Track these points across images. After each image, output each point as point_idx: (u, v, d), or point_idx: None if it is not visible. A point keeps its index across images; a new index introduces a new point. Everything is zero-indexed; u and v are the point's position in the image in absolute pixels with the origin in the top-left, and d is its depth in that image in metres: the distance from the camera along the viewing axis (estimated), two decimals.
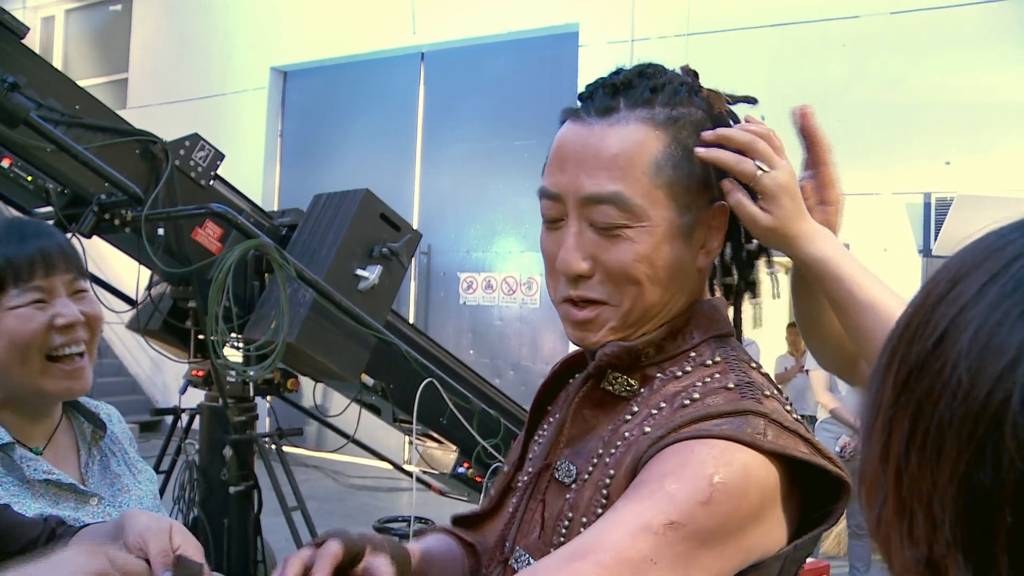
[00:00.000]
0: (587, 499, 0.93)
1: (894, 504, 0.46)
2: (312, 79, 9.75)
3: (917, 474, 0.44)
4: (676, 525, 0.78)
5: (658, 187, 0.93)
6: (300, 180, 9.42)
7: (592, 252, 0.94)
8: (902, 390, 0.46)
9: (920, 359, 0.45)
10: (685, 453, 0.82)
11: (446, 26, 8.64)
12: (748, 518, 0.82)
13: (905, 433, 0.45)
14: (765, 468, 0.83)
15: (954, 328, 0.44)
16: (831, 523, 0.88)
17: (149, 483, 1.49)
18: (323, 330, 3.25)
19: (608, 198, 0.92)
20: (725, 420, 0.85)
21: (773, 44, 6.85)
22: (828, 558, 5.24)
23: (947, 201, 6.00)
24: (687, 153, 0.95)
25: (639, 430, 0.91)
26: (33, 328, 1.23)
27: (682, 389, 0.92)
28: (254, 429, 3.67)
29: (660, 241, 0.93)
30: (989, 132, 6.06)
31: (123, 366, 10.63)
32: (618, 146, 0.93)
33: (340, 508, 7.05)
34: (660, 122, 0.94)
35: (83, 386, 1.32)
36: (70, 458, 1.37)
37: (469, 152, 8.64)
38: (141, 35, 10.94)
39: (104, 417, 1.48)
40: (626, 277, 0.93)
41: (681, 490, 0.79)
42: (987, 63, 6.12)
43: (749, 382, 0.91)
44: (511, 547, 1.03)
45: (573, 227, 0.94)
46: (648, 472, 0.84)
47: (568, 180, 0.94)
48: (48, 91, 3.00)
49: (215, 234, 3.41)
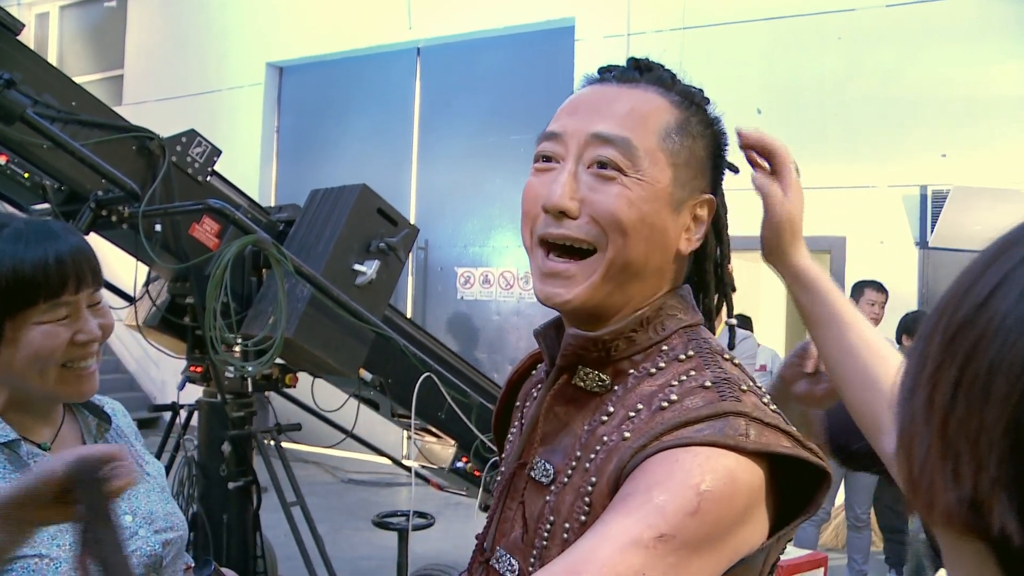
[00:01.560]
0: (569, 504, 0.92)
1: (938, 448, 0.47)
2: (308, 75, 9.73)
3: (964, 416, 0.46)
4: (666, 537, 0.78)
5: (663, 151, 0.94)
6: (297, 176, 9.41)
7: (583, 195, 0.93)
8: (949, 343, 0.48)
9: (969, 315, 0.48)
10: (670, 463, 0.82)
11: (442, 21, 8.63)
12: (735, 522, 0.82)
13: (952, 379, 0.47)
14: (750, 470, 0.83)
15: (1004, 284, 0.47)
16: (813, 512, 0.88)
17: (157, 474, 1.49)
18: (321, 325, 3.26)
19: (616, 139, 0.93)
20: (706, 424, 0.84)
21: (769, 38, 6.85)
22: (826, 550, 5.25)
23: (943, 193, 6.01)
24: (693, 138, 0.97)
25: (618, 434, 0.90)
26: (57, 344, 1.24)
27: (658, 389, 0.91)
28: (252, 424, 3.67)
29: (651, 198, 0.93)
30: (985, 125, 6.06)
31: (120, 363, 10.62)
32: (634, 103, 0.95)
33: (339, 503, 7.06)
34: (676, 101, 0.98)
35: (93, 389, 1.34)
36: None
37: (466, 147, 8.63)
38: (136, 31, 10.92)
39: (109, 411, 1.49)
40: (614, 220, 0.92)
41: (669, 502, 0.79)
42: (983, 56, 6.12)
43: (725, 378, 0.90)
44: (491, 547, 1.03)
45: (569, 166, 0.94)
46: (634, 483, 0.83)
47: (576, 121, 0.95)
48: (44, 87, 2.99)
49: (212, 230, 3.40)
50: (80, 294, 1.26)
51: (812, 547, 4.54)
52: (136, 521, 1.36)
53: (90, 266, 1.27)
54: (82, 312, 1.27)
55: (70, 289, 1.24)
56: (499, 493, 1.05)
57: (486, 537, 1.05)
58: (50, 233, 1.25)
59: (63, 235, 1.27)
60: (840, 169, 6.45)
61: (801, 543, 4.73)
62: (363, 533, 5.88)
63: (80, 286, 1.25)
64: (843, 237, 6.47)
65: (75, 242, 1.27)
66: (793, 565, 2.49)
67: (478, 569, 1.05)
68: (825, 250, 6.67)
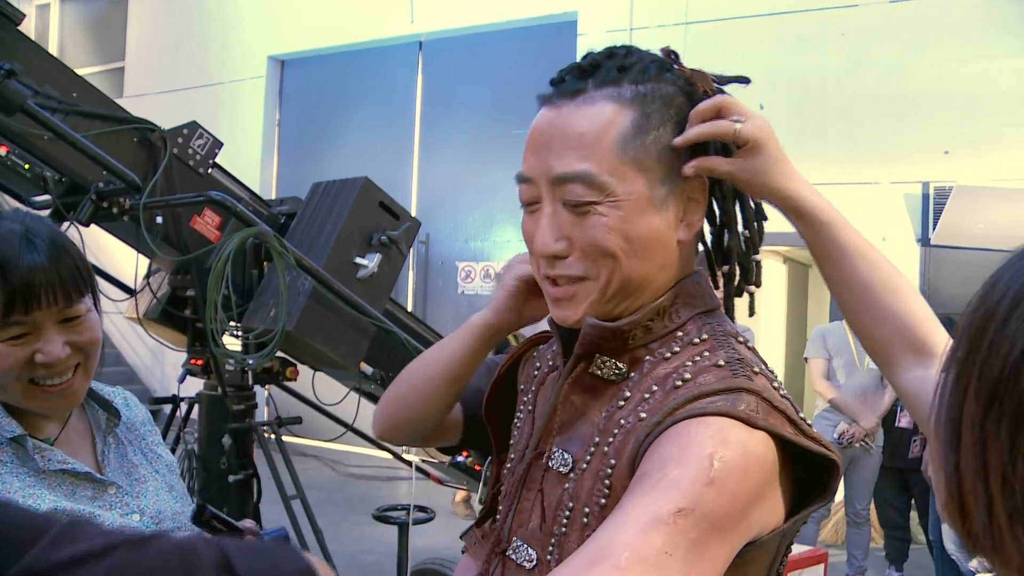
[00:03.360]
0: (588, 488, 0.92)
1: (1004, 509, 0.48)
2: (310, 68, 9.72)
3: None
4: (685, 511, 0.77)
5: (625, 163, 0.93)
6: (298, 169, 9.40)
7: (567, 232, 0.95)
8: (990, 403, 0.49)
9: (1005, 373, 0.48)
10: (683, 435, 0.82)
11: (444, 15, 8.61)
12: (751, 497, 0.81)
13: (1006, 441, 0.47)
14: (763, 445, 0.83)
15: None
16: (829, 498, 0.88)
17: (168, 471, 1.46)
18: (322, 318, 3.25)
19: (575, 176, 0.93)
20: (719, 397, 0.85)
21: (772, 33, 6.84)
22: (826, 546, 5.26)
23: (945, 191, 6.00)
24: (657, 130, 0.95)
25: (635, 416, 0.91)
26: (9, 364, 1.19)
27: (672, 370, 0.92)
28: (253, 418, 3.67)
29: (631, 214, 0.93)
30: (988, 122, 6.05)
31: (121, 355, 10.62)
32: (584, 125, 0.94)
33: (339, 497, 7.06)
34: (627, 99, 0.95)
35: (71, 403, 1.29)
36: (85, 447, 1.35)
37: (467, 141, 8.62)
38: (138, 23, 10.90)
39: (120, 403, 1.46)
40: (600, 251, 0.94)
41: (684, 475, 0.78)
42: (986, 53, 6.10)
43: (739, 358, 0.91)
44: (508, 538, 1.02)
45: (547, 208, 0.96)
46: (649, 461, 0.83)
47: (539, 163, 0.97)
48: (45, 78, 2.98)
49: (214, 222, 3.40)
50: (34, 313, 1.18)
51: (812, 543, 4.55)
52: (143, 520, 1.33)
53: (46, 282, 1.18)
54: (44, 332, 1.20)
55: (18, 310, 1.16)
56: (515, 483, 1.05)
57: (503, 528, 1.04)
58: (11, 249, 1.17)
59: (24, 252, 1.17)
60: (842, 165, 6.44)
61: (801, 539, 4.73)
62: (363, 527, 5.88)
63: (30, 307, 1.17)
64: None
65: (33, 261, 1.17)
66: (793, 561, 2.49)
67: (494, 560, 1.04)
68: None
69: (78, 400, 1.30)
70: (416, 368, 1.31)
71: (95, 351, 1.29)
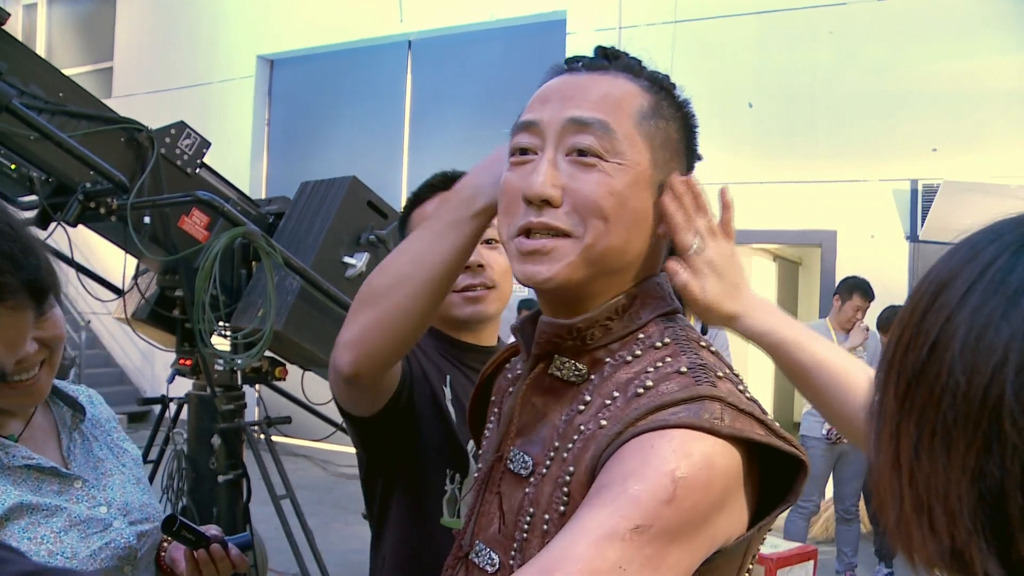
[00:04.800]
0: (547, 495, 0.90)
1: (912, 503, 0.50)
2: (299, 67, 9.70)
3: (930, 473, 0.48)
4: (642, 528, 0.76)
5: (639, 134, 0.93)
6: (287, 168, 9.38)
7: (563, 182, 0.92)
8: (904, 399, 0.50)
9: (916, 368, 0.49)
10: (645, 449, 0.80)
11: (433, 14, 8.61)
12: (712, 508, 0.80)
13: (913, 438, 0.49)
14: (726, 455, 0.81)
15: (944, 336, 0.48)
16: (793, 501, 0.87)
17: (134, 465, 1.49)
18: (311, 318, 3.25)
19: (593, 122, 0.91)
20: (681, 407, 0.82)
21: (761, 31, 6.85)
22: (816, 543, 5.27)
23: (934, 188, 6.02)
24: (667, 121, 0.96)
25: (595, 423, 0.88)
26: None
27: (634, 376, 0.90)
28: (242, 418, 3.67)
29: (632, 182, 0.92)
30: (976, 119, 6.08)
31: (110, 356, 10.59)
32: (606, 88, 0.94)
33: (329, 497, 7.05)
34: (645, 86, 0.96)
35: (36, 399, 1.31)
36: (50, 443, 1.37)
37: (457, 140, 8.62)
38: (126, 23, 10.85)
39: (85, 400, 1.48)
40: (595, 208, 0.91)
41: (644, 491, 0.77)
42: (974, 51, 6.13)
43: (702, 364, 0.89)
44: (470, 542, 1.01)
45: (548, 154, 0.93)
46: (609, 474, 0.81)
47: (551, 109, 0.94)
48: (31, 78, 2.97)
49: (202, 222, 3.39)
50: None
51: (802, 540, 4.56)
52: (111, 512, 1.35)
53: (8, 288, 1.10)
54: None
55: None
56: (479, 487, 1.03)
57: (466, 532, 1.03)
58: None
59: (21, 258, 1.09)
60: (831, 163, 6.46)
61: (791, 536, 4.75)
62: (353, 527, 5.87)
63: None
64: (834, 231, 6.49)
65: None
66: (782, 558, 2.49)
67: (458, 565, 1.02)
68: (816, 244, 6.68)
69: (43, 395, 1.31)
70: (403, 271, 1.14)
71: (60, 346, 1.30)
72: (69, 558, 1.25)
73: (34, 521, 1.24)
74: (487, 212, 1.09)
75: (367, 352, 1.17)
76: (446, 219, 1.12)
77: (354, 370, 1.18)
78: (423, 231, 1.15)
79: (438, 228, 1.13)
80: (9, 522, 1.21)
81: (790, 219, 6.55)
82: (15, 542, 1.19)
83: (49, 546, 1.24)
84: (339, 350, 1.20)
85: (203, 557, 1.42)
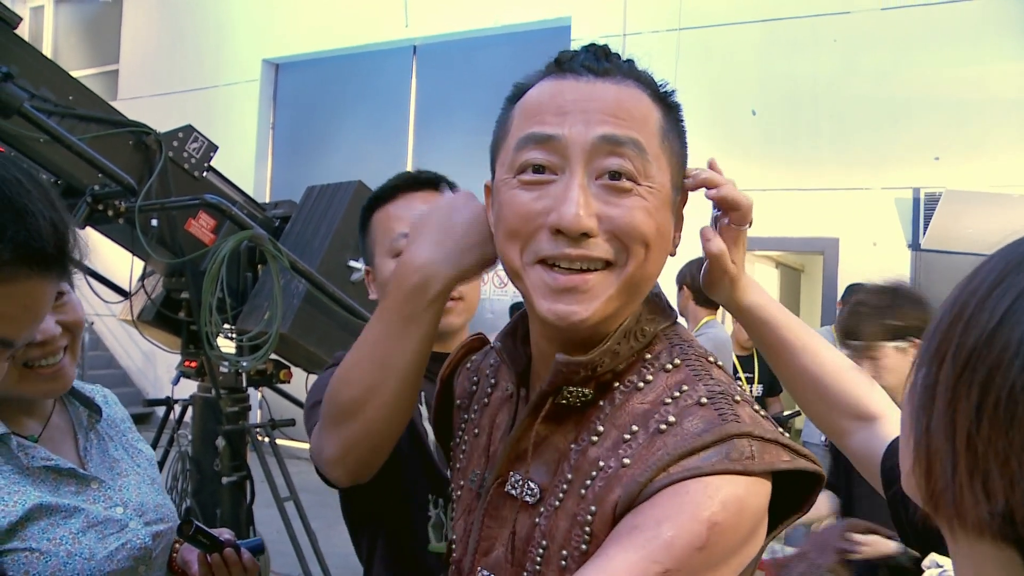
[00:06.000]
0: (564, 531, 0.87)
1: (966, 466, 0.52)
2: (304, 71, 9.73)
3: (990, 437, 0.51)
4: (671, 573, 0.76)
5: (663, 152, 0.88)
6: (292, 172, 9.40)
7: (598, 210, 0.84)
8: (964, 369, 0.53)
9: (980, 341, 0.53)
10: (680, 494, 0.79)
11: (439, 19, 8.63)
12: (741, 544, 0.81)
13: (974, 403, 0.52)
14: (758, 492, 0.81)
15: (1011, 314, 0.52)
16: (807, 511, 0.88)
17: (149, 466, 1.49)
18: (316, 321, 3.27)
19: (627, 141, 0.84)
20: (711, 451, 0.80)
21: (764, 39, 6.87)
22: None
23: (936, 196, 6.03)
24: (677, 135, 0.92)
25: (616, 460, 0.85)
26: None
27: (651, 407, 0.86)
28: (247, 420, 3.68)
29: (662, 206, 0.87)
30: (978, 128, 6.09)
31: (114, 358, 10.60)
32: (629, 101, 0.86)
33: (332, 499, 6.99)
34: (653, 95, 0.90)
35: (63, 385, 1.31)
36: (67, 444, 1.38)
37: (461, 146, 8.63)
38: (132, 26, 10.89)
39: (100, 400, 1.48)
40: (639, 236, 0.84)
41: (678, 537, 0.77)
42: (977, 59, 6.15)
43: (720, 392, 0.86)
44: (471, 566, 0.98)
45: (579, 178, 0.84)
46: (643, 516, 0.80)
47: (573, 123, 0.84)
48: (41, 81, 3.00)
49: (208, 225, 3.41)
50: None
51: None
52: (127, 513, 1.36)
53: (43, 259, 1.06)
54: None
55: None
56: (471, 507, 1.00)
57: (464, 557, 0.99)
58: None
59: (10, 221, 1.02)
60: (834, 171, 6.47)
61: (792, 541, 4.75)
62: None
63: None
64: (836, 239, 6.50)
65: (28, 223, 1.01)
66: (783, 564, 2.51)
67: None
68: (818, 251, 6.69)
69: (69, 383, 1.32)
70: (370, 380, 1.08)
71: (80, 332, 1.32)
72: (87, 559, 1.26)
73: (53, 522, 1.25)
74: (443, 296, 1.04)
75: (357, 461, 1.14)
76: (401, 313, 1.05)
77: (351, 480, 1.17)
78: (378, 328, 1.08)
79: (396, 326, 1.06)
80: (29, 523, 1.22)
81: (793, 226, 6.56)
82: (35, 543, 1.20)
83: (68, 547, 1.24)
84: (327, 466, 1.17)
85: (217, 561, 1.44)
